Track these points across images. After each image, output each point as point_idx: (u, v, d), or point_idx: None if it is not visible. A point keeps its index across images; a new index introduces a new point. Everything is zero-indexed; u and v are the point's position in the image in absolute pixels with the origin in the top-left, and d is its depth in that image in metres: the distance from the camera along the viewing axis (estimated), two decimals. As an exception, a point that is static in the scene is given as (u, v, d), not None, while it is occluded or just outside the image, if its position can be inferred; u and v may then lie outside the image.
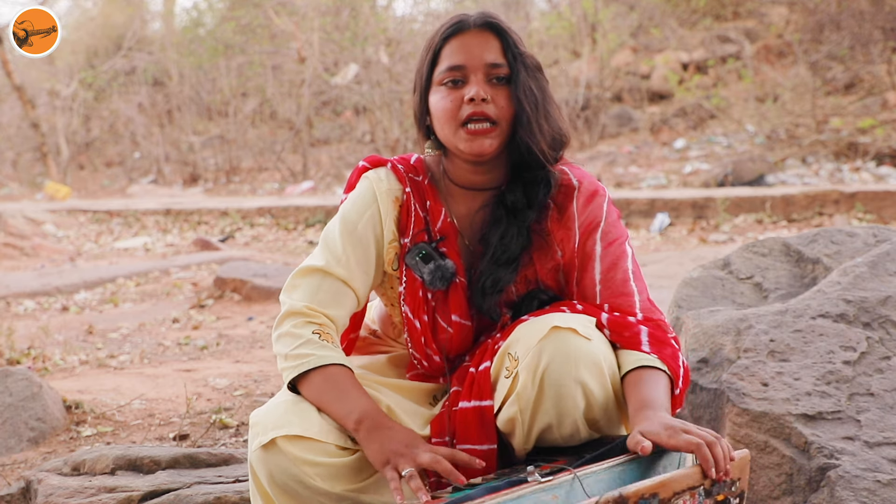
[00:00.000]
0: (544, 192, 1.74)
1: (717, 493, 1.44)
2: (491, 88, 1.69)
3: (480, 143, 1.69)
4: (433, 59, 1.73)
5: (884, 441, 1.85)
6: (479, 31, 1.71)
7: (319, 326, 1.70)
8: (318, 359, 1.66)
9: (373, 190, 1.78)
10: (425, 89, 1.75)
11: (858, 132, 9.70)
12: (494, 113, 1.69)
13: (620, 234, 1.76)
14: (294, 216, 9.49)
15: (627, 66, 13.34)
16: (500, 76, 1.70)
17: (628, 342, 1.65)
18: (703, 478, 1.41)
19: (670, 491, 1.39)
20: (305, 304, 1.71)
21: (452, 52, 1.71)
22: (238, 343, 4.47)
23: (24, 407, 2.96)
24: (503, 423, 1.63)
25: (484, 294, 1.74)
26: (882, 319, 2.12)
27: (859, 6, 10.37)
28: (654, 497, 1.36)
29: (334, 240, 1.76)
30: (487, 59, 1.70)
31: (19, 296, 6.08)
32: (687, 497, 1.40)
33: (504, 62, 1.70)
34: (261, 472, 1.62)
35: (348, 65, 12.90)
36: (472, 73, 1.69)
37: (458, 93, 1.70)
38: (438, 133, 1.75)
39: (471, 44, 1.70)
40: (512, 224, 1.74)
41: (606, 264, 1.73)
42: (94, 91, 15.49)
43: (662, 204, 7.93)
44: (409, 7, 20.71)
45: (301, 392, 1.67)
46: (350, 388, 1.65)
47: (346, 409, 1.62)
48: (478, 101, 1.68)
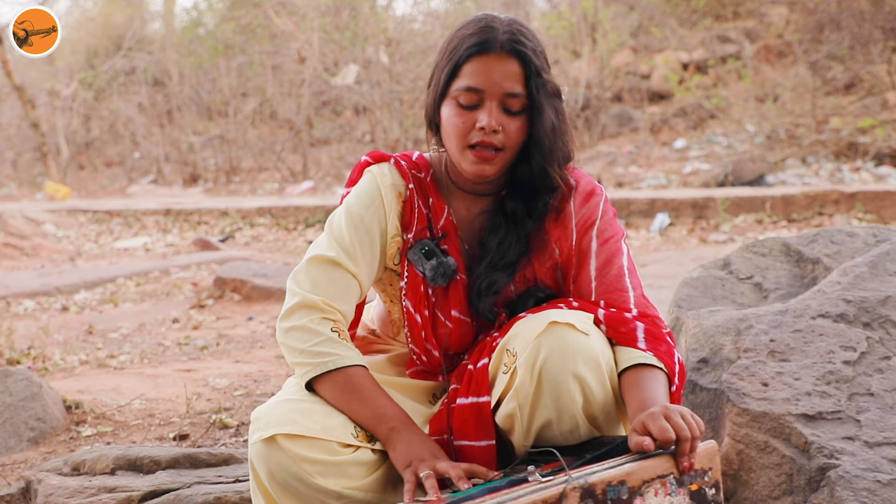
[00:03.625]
0: (544, 201, 1.75)
1: (690, 483, 1.44)
2: (504, 117, 1.68)
3: (483, 168, 1.70)
4: (453, 70, 1.69)
5: (884, 441, 1.85)
6: (503, 55, 1.67)
7: (335, 324, 1.70)
8: (343, 359, 1.67)
9: (377, 184, 1.78)
10: (440, 96, 1.73)
11: (858, 132, 9.69)
12: (502, 142, 1.68)
13: (616, 231, 1.77)
14: (294, 216, 9.49)
15: (627, 66, 13.34)
16: (515, 106, 1.68)
17: (624, 338, 1.65)
18: (671, 466, 1.41)
19: (639, 479, 1.39)
20: (320, 297, 1.71)
21: (473, 73, 1.67)
22: (238, 343, 4.47)
23: (24, 407, 2.96)
24: (502, 419, 1.63)
25: (479, 295, 1.75)
26: (882, 319, 2.12)
27: (859, 6, 10.37)
28: (622, 485, 1.36)
29: (341, 232, 1.76)
30: (506, 87, 1.67)
31: (19, 296, 6.08)
32: (658, 486, 1.40)
33: (523, 92, 1.68)
34: (261, 469, 1.62)
35: (348, 65, 12.90)
36: (489, 99, 1.67)
37: (471, 116, 1.68)
38: (445, 143, 1.75)
39: (493, 69, 1.67)
40: (511, 232, 1.75)
41: (601, 261, 1.74)
42: (94, 91, 15.49)
43: (662, 204, 7.93)
44: (409, 7, 20.72)
45: (318, 390, 1.67)
46: (377, 392, 1.67)
47: (377, 412, 1.64)
48: (488, 131, 1.67)
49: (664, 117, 12.12)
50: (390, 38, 12.40)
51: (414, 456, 1.59)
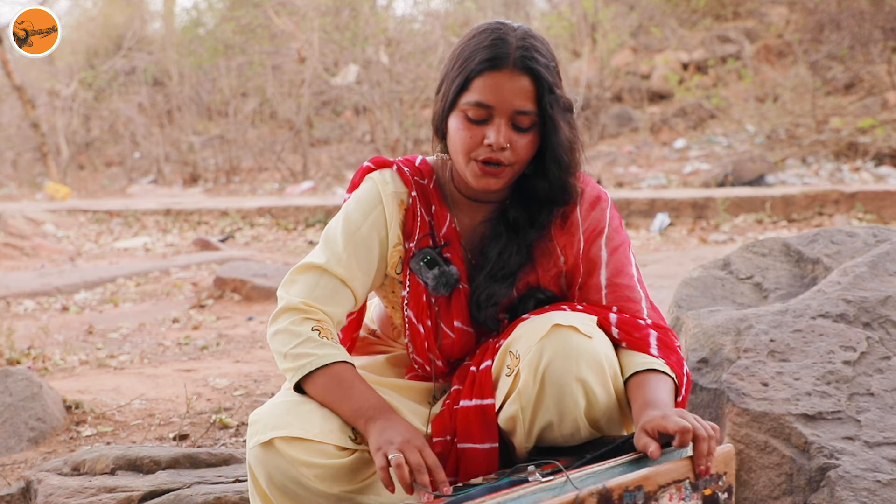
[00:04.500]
0: (547, 212, 1.75)
1: (704, 488, 1.44)
2: (513, 133, 1.66)
3: (488, 182, 1.69)
4: (464, 83, 1.66)
5: (884, 441, 1.85)
6: (515, 72, 1.64)
7: (318, 322, 1.69)
8: (320, 358, 1.65)
9: (378, 191, 1.77)
10: (450, 105, 1.70)
11: (858, 132, 9.69)
12: (509, 158, 1.67)
13: (623, 240, 1.78)
14: (294, 216, 9.49)
15: (627, 66, 13.34)
16: (524, 124, 1.66)
17: (637, 344, 1.65)
18: (688, 471, 1.41)
19: (655, 484, 1.38)
20: (302, 299, 1.70)
21: (484, 89, 1.65)
22: (238, 343, 4.47)
23: (24, 407, 2.96)
24: (504, 421, 1.63)
25: (479, 307, 1.74)
26: (882, 319, 2.12)
27: (859, 6, 10.37)
28: (639, 490, 1.36)
29: (335, 238, 1.75)
30: (517, 105, 1.65)
31: (19, 296, 6.08)
32: (673, 490, 1.40)
33: (533, 109, 1.66)
34: (259, 473, 1.62)
35: (348, 65, 12.90)
36: (498, 116, 1.65)
37: (480, 131, 1.66)
38: (451, 153, 1.73)
39: (504, 86, 1.64)
40: (512, 241, 1.74)
41: (611, 270, 1.73)
42: (94, 91, 15.48)
43: (662, 204, 7.93)
44: (409, 7, 20.72)
45: (307, 392, 1.67)
46: (355, 385, 1.65)
47: (354, 406, 1.62)
48: (496, 149, 1.65)
49: (664, 117, 12.12)
50: (390, 38, 12.39)
51: (384, 439, 1.55)
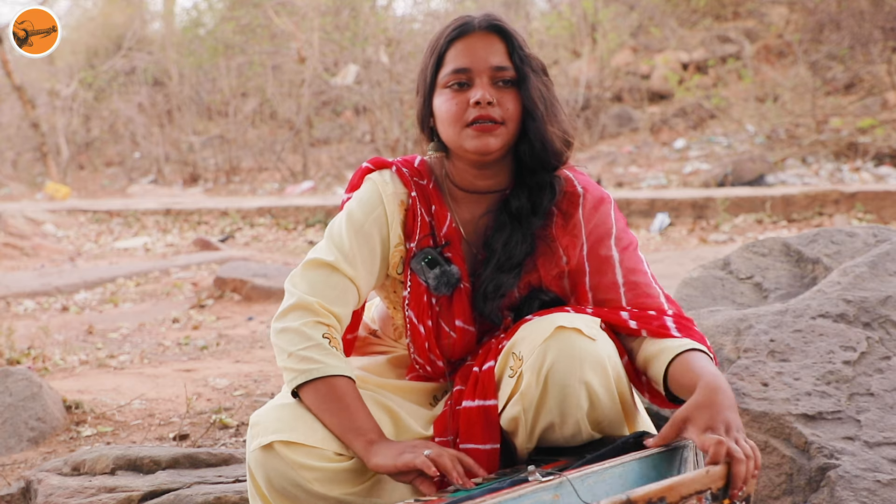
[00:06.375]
0: (549, 198, 1.74)
1: (724, 497, 1.44)
2: (496, 91, 1.69)
3: (486, 141, 1.69)
4: (437, 61, 1.72)
5: (884, 441, 1.85)
6: (483, 33, 1.70)
7: (328, 329, 1.68)
8: (327, 368, 1.64)
9: (378, 192, 1.77)
10: (429, 92, 1.74)
11: (858, 132, 9.70)
12: (500, 115, 1.68)
13: (632, 240, 1.78)
14: (294, 216, 9.49)
15: (627, 66, 13.33)
16: (505, 79, 1.69)
17: (657, 331, 1.65)
18: (710, 482, 1.41)
19: (678, 495, 1.38)
20: (316, 299, 1.70)
21: (457, 55, 1.70)
22: (238, 343, 4.47)
23: (24, 407, 2.96)
24: (506, 422, 1.63)
25: (486, 299, 1.74)
26: (882, 319, 2.12)
27: (859, 6, 10.37)
28: (662, 501, 1.35)
29: (341, 236, 1.75)
30: (493, 61, 1.69)
31: (19, 296, 6.08)
32: (694, 501, 1.39)
33: (510, 65, 1.70)
34: (259, 475, 1.62)
35: (348, 65, 12.90)
36: (478, 76, 1.69)
37: (464, 96, 1.69)
38: (443, 135, 1.74)
39: (475, 46, 1.70)
40: (516, 230, 1.74)
41: (626, 269, 1.73)
42: (94, 91, 15.48)
43: (662, 204, 7.94)
44: (409, 7, 20.71)
45: (302, 397, 1.66)
46: (359, 405, 1.64)
47: (355, 423, 1.62)
48: (483, 104, 1.67)
49: (664, 117, 12.12)
50: (390, 38, 12.40)
51: (404, 448, 1.58)
